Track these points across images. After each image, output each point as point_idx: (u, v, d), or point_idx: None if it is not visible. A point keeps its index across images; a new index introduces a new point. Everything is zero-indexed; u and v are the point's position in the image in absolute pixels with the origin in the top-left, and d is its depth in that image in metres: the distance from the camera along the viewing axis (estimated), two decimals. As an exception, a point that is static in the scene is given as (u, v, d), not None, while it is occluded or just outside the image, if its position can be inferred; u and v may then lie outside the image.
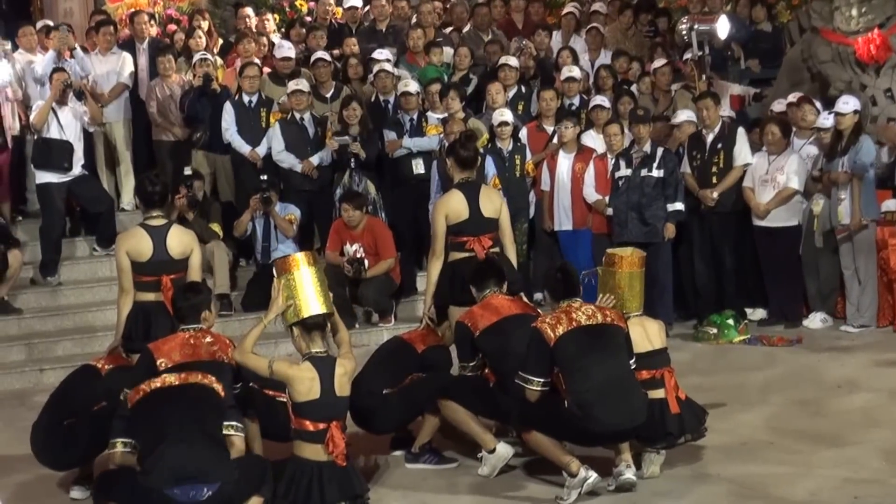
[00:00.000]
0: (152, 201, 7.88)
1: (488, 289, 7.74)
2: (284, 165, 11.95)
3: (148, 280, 7.71)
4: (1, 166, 12.14)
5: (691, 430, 7.40)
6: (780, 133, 11.06)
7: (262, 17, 14.16)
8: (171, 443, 6.37)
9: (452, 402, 7.58)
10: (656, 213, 10.91)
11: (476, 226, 8.17)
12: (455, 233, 8.20)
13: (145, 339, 7.50)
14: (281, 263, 7.17)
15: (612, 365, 7.04)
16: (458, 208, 8.16)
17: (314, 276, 7.05)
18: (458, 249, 8.19)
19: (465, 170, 8.31)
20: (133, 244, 7.75)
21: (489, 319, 7.55)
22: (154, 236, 7.72)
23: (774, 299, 11.21)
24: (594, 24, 13.83)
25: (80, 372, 7.80)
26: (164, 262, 7.70)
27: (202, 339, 7.15)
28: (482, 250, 8.11)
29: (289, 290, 7.02)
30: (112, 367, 7.58)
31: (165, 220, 7.91)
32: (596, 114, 11.80)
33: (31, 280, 11.87)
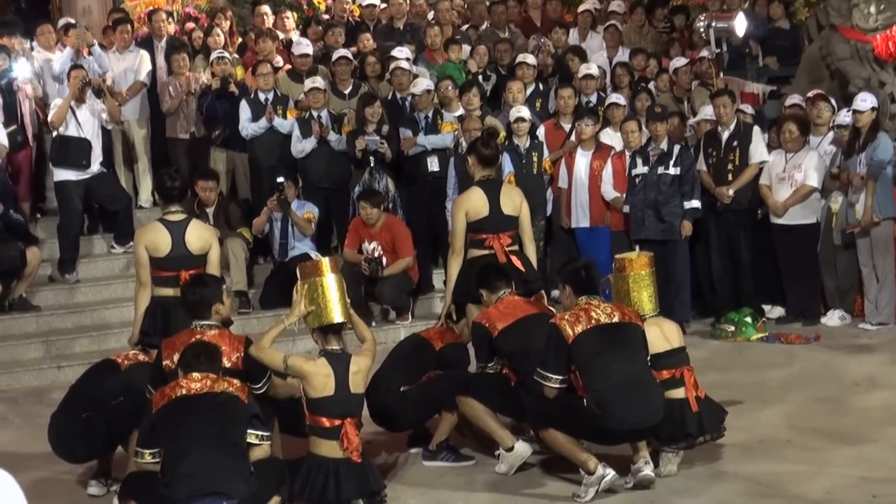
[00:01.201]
0: (171, 196, 7.92)
1: (500, 290, 7.75)
2: (298, 148, 11.97)
3: (167, 275, 7.74)
4: (20, 164, 12.20)
5: (711, 430, 7.38)
6: (797, 131, 11.04)
7: (280, 16, 14.19)
8: (194, 456, 6.31)
9: (471, 399, 7.58)
10: (673, 210, 10.91)
11: (496, 223, 8.19)
12: (475, 230, 8.21)
13: (164, 334, 7.51)
14: (307, 267, 7.15)
15: (631, 363, 7.03)
16: (478, 206, 8.18)
17: (338, 283, 7.06)
18: (477, 247, 8.21)
19: (486, 167, 8.33)
20: (152, 239, 7.78)
21: (507, 319, 7.54)
22: (173, 231, 7.75)
23: (792, 297, 11.19)
24: (612, 22, 13.82)
25: (100, 367, 7.81)
26: (182, 257, 7.74)
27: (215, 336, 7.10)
28: (501, 248, 8.12)
29: (312, 295, 7.02)
30: (132, 363, 7.58)
31: (184, 216, 7.91)
32: (612, 111, 11.81)
33: (50, 277, 11.92)
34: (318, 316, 7.02)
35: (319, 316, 7.02)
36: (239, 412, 6.50)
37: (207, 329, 7.12)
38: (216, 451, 6.35)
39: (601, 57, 13.45)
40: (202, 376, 6.52)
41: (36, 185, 12.65)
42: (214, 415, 6.44)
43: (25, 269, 11.20)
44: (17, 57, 12.28)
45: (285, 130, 12.10)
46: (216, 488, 6.32)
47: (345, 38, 13.49)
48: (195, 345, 6.71)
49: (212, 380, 6.54)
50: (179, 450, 6.36)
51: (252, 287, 11.71)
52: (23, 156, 12.21)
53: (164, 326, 7.65)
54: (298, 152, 12.02)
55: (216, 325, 7.18)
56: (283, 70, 12.91)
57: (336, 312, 7.00)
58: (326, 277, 7.01)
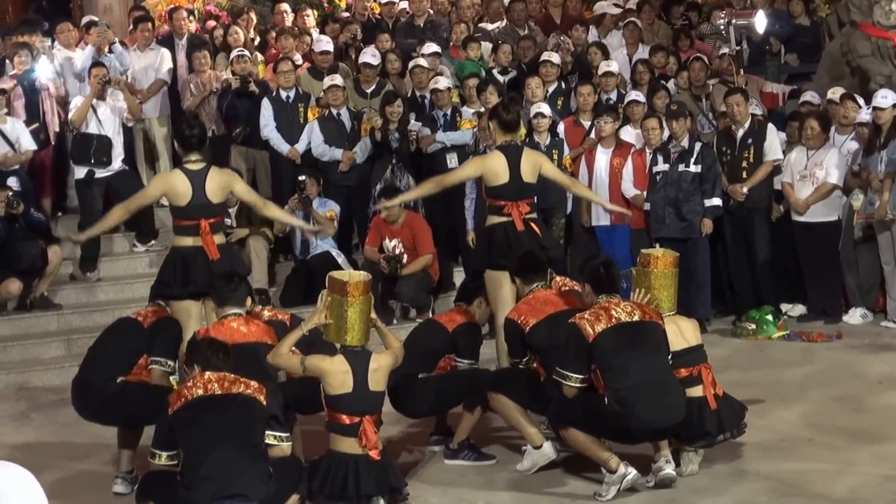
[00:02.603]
0: (190, 144, 7.88)
1: (534, 283, 7.76)
2: (326, 158, 12.02)
3: (187, 224, 7.74)
4: (42, 162, 12.26)
5: (730, 428, 7.37)
6: (819, 128, 11.03)
7: (300, 14, 14.22)
8: (214, 458, 6.30)
9: (502, 396, 7.59)
10: (694, 208, 10.90)
11: (515, 191, 8.15)
12: (493, 196, 8.19)
13: (183, 284, 7.56)
14: (336, 283, 7.05)
15: (652, 362, 7.01)
16: (497, 171, 8.14)
17: (362, 306, 7.00)
18: (496, 213, 8.18)
19: (507, 132, 8.28)
20: (172, 185, 7.78)
21: (538, 315, 7.54)
22: (193, 180, 7.72)
23: (814, 295, 11.19)
24: (631, 20, 13.80)
25: (120, 326, 7.84)
26: (202, 205, 7.72)
27: (238, 328, 7.19)
28: (519, 216, 8.09)
29: (336, 311, 7.01)
30: (155, 319, 7.63)
31: (204, 164, 7.85)
32: (631, 109, 11.79)
33: (71, 276, 11.97)
34: (337, 332, 7.01)
35: (338, 333, 7.00)
36: (257, 413, 6.49)
37: (234, 317, 7.24)
38: (235, 453, 6.33)
39: (621, 54, 13.43)
40: (218, 376, 6.49)
41: (57, 183, 12.70)
42: (233, 416, 6.42)
43: (47, 268, 11.27)
44: (38, 55, 12.35)
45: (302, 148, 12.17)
46: (236, 490, 6.31)
47: (364, 35, 13.52)
48: (209, 344, 6.70)
49: (229, 381, 6.51)
50: (198, 451, 6.34)
51: (273, 285, 11.75)
52: (44, 154, 12.27)
53: (184, 276, 7.65)
54: (321, 154, 12.05)
55: (242, 314, 7.30)
56: (304, 68, 12.93)
57: (355, 336, 6.98)
58: (355, 300, 6.96)
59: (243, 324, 7.28)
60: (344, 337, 6.97)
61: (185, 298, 7.76)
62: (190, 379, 6.60)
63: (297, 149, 12.13)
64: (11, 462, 3.17)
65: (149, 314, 7.73)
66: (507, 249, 8.06)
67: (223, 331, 7.16)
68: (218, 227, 7.86)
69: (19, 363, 10.80)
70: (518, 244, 8.05)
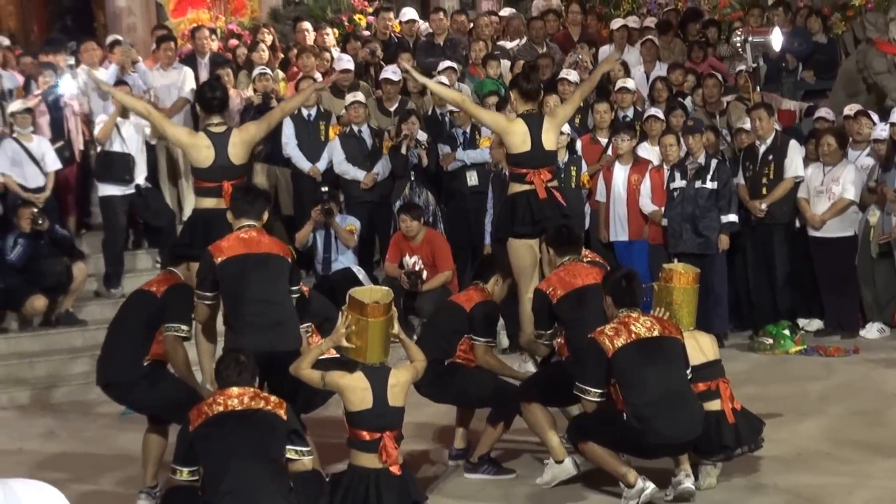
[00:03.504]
0: (212, 107, 7.92)
1: (566, 256, 7.75)
2: (348, 176, 12.13)
3: (209, 186, 7.78)
4: (67, 179, 12.40)
5: (748, 441, 7.39)
6: (835, 144, 11.09)
7: (321, 32, 14.32)
8: (234, 473, 6.31)
9: (536, 408, 7.62)
10: (710, 224, 10.97)
11: (537, 158, 8.16)
12: (515, 164, 8.22)
13: (205, 244, 7.54)
14: (357, 303, 7.08)
15: (671, 378, 7.04)
16: (519, 139, 8.14)
17: (386, 326, 7.06)
18: (518, 181, 8.20)
19: (528, 101, 8.29)
20: (195, 144, 7.80)
21: (567, 287, 7.55)
22: (216, 142, 7.76)
23: (831, 309, 11.23)
24: (649, 37, 13.88)
25: (136, 299, 7.84)
26: (225, 167, 7.75)
27: (255, 236, 7.27)
28: (541, 184, 8.09)
29: (355, 329, 7.06)
30: (166, 287, 7.64)
31: (226, 127, 7.90)
32: (650, 125, 11.85)
33: (96, 292, 12.08)
34: (356, 351, 7.08)
35: (357, 352, 7.07)
36: (277, 429, 6.51)
37: (248, 228, 7.29)
38: (256, 468, 6.36)
39: (638, 72, 13.50)
40: (239, 392, 6.51)
41: (81, 200, 12.84)
42: (253, 432, 6.43)
43: (72, 284, 11.40)
44: (62, 74, 12.49)
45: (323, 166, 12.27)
46: None
47: (384, 53, 13.64)
48: (230, 360, 6.69)
49: (249, 396, 6.53)
50: (219, 467, 6.36)
51: (294, 300, 11.82)
52: (69, 171, 12.41)
53: (205, 237, 7.66)
54: (343, 172, 12.16)
55: (257, 226, 7.34)
56: (325, 85, 13.05)
57: (374, 355, 7.04)
58: (376, 321, 7.01)
59: (256, 234, 7.33)
60: (362, 355, 7.03)
61: None
62: (210, 396, 6.66)
63: (318, 167, 12.24)
64: (37, 478, 3.24)
65: (161, 282, 7.73)
66: (530, 218, 8.07)
67: (235, 239, 7.25)
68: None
69: (44, 378, 10.89)
70: (541, 212, 8.05)
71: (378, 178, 12.07)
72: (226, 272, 7.24)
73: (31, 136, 11.78)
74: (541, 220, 8.04)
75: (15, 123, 11.78)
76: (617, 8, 15.76)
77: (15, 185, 11.57)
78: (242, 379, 6.57)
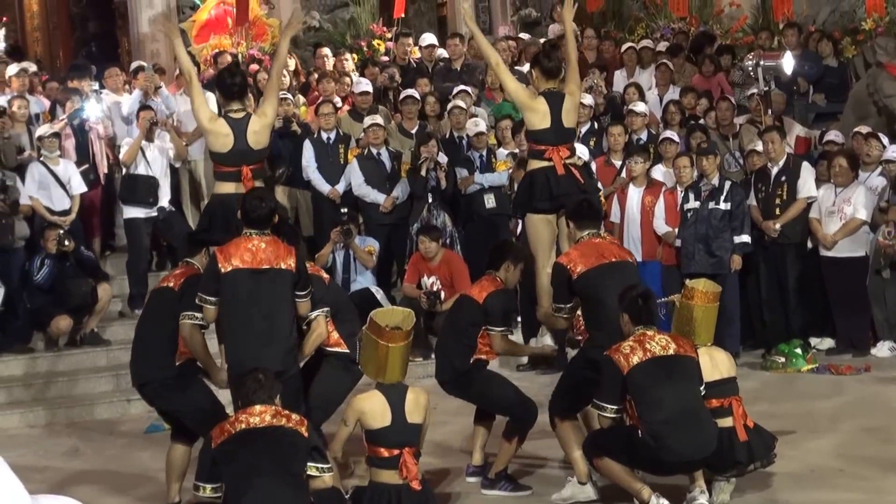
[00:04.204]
0: (232, 93, 7.96)
1: (586, 230, 7.72)
2: (368, 199, 12.29)
3: (228, 170, 7.83)
4: (91, 202, 12.57)
5: (760, 458, 7.42)
6: (847, 165, 11.21)
7: (340, 58, 14.49)
8: (256, 490, 6.39)
9: (569, 426, 7.65)
10: (723, 244, 11.09)
11: (556, 136, 8.16)
12: (535, 140, 8.25)
13: (224, 230, 7.61)
14: (377, 327, 7.23)
15: (685, 396, 7.08)
16: (539, 116, 8.16)
17: (405, 350, 7.21)
18: (537, 157, 8.22)
19: (549, 79, 8.27)
20: (217, 127, 7.83)
21: (588, 263, 7.53)
22: (235, 128, 7.81)
23: (842, 328, 11.31)
24: (663, 61, 14.04)
25: (156, 297, 7.88)
26: (244, 152, 7.80)
27: (261, 246, 7.25)
28: (560, 160, 8.11)
29: (371, 349, 7.25)
30: (183, 280, 7.66)
31: (245, 112, 7.95)
32: (665, 147, 11.98)
33: (120, 313, 12.23)
34: (375, 371, 7.27)
35: (376, 371, 7.26)
36: (299, 445, 6.57)
37: (257, 236, 7.29)
38: (278, 485, 6.43)
39: (652, 95, 13.65)
40: (261, 409, 6.58)
41: (106, 222, 13.03)
42: (275, 449, 6.49)
43: (96, 305, 11.55)
44: (87, 98, 12.70)
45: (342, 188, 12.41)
46: None
47: (402, 78, 13.83)
48: (251, 378, 6.75)
49: (271, 414, 6.57)
50: (241, 484, 6.42)
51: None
52: (93, 194, 12.59)
53: (224, 222, 7.73)
54: (363, 195, 12.33)
55: (267, 233, 7.35)
56: (344, 110, 13.23)
57: (393, 375, 7.20)
58: (394, 346, 7.14)
59: (264, 244, 7.29)
60: (381, 375, 7.21)
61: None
62: (233, 414, 6.77)
63: (337, 189, 12.41)
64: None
65: (178, 276, 7.74)
66: (548, 193, 8.08)
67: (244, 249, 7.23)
68: (259, 173, 7.95)
69: (69, 398, 10.98)
70: (559, 188, 8.07)
71: (397, 200, 12.25)
72: (229, 285, 7.27)
73: (57, 159, 11.95)
74: (559, 195, 8.04)
75: (42, 147, 11.96)
76: (631, 33, 15.96)
77: (42, 207, 11.75)
78: (264, 397, 6.64)
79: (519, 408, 7.98)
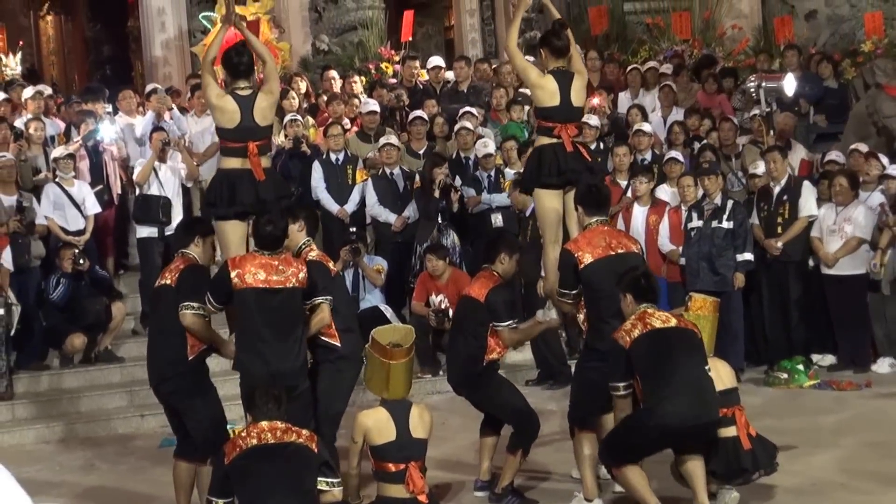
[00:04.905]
0: (239, 71, 8.12)
1: (594, 217, 7.76)
2: (381, 218, 12.44)
3: (235, 146, 7.99)
4: (105, 222, 12.70)
5: (764, 465, 7.52)
6: (847, 185, 11.35)
7: (349, 80, 14.64)
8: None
9: (586, 439, 7.69)
10: (726, 263, 11.21)
11: (565, 114, 8.21)
12: (543, 117, 8.32)
13: (230, 204, 7.77)
14: (377, 345, 7.41)
15: (687, 363, 7.13)
16: (548, 94, 8.20)
17: (407, 366, 7.36)
18: (545, 134, 8.29)
19: (558, 58, 8.31)
20: (225, 105, 7.98)
21: (595, 254, 7.60)
22: (242, 105, 7.97)
23: (843, 345, 11.43)
24: (667, 83, 14.19)
25: (156, 297, 7.94)
26: (250, 128, 7.97)
27: (276, 266, 7.38)
28: (568, 138, 8.17)
29: (375, 366, 7.41)
30: (178, 275, 7.67)
31: (251, 90, 8.11)
32: (670, 166, 12.10)
33: (133, 330, 12.33)
34: (378, 387, 7.45)
35: (379, 388, 7.44)
36: (310, 461, 6.65)
37: (270, 256, 7.41)
38: (289, 500, 6.50)
39: (656, 116, 13.80)
40: (270, 425, 6.65)
41: (119, 242, 13.16)
42: (287, 464, 6.58)
43: (110, 323, 11.69)
44: (101, 120, 12.84)
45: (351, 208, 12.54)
46: None
47: (410, 100, 13.99)
48: (264, 394, 6.79)
49: (281, 430, 6.66)
50: (254, 498, 6.51)
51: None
52: (107, 214, 12.73)
53: (230, 197, 7.89)
54: (376, 215, 12.47)
55: (279, 252, 7.46)
56: (353, 131, 13.37)
57: (396, 391, 7.37)
58: (395, 363, 7.29)
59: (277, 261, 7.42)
60: (385, 392, 7.39)
61: (231, 218, 8.04)
62: (244, 429, 6.87)
63: (346, 209, 12.57)
64: None
65: (173, 271, 7.76)
66: (556, 169, 8.13)
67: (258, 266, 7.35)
68: (264, 149, 8.10)
69: (84, 414, 11.09)
70: (566, 164, 8.13)
71: (409, 220, 12.37)
72: (241, 302, 7.43)
73: (72, 180, 12.08)
74: (566, 171, 8.12)
75: (57, 168, 12.09)
76: (634, 55, 16.15)
77: (57, 227, 11.87)
78: (276, 413, 6.74)
79: (524, 417, 8.09)
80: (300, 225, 8.06)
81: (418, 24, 17.42)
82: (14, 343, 11.23)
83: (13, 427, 10.80)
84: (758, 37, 16.64)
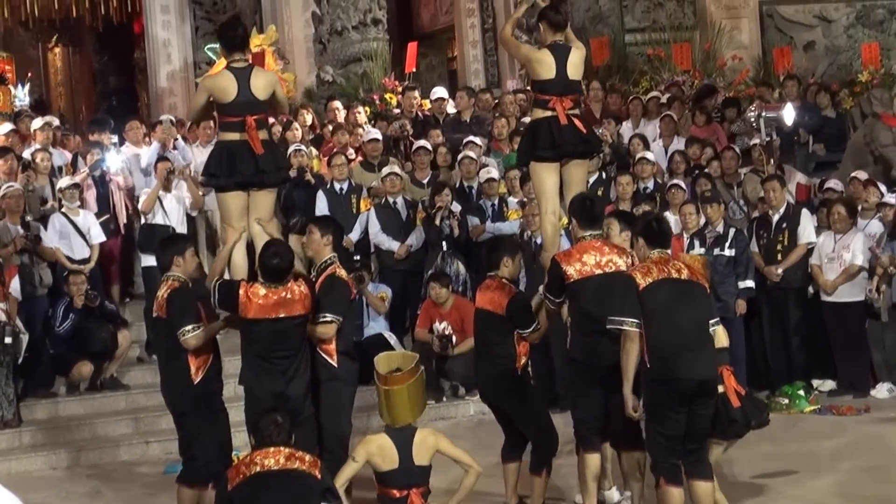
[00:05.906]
0: (234, 45, 8.17)
1: (588, 231, 7.82)
2: (384, 247, 12.51)
3: (232, 120, 8.02)
4: (111, 251, 12.81)
5: (755, 418, 7.60)
6: (845, 213, 11.47)
7: (353, 111, 14.74)
8: None
9: (590, 458, 7.72)
10: (728, 290, 11.29)
11: (560, 87, 8.28)
12: (539, 90, 8.40)
13: (230, 175, 7.83)
14: (377, 374, 7.56)
15: (693, 317, 7.17)
16: (545, 67, 8.27)
17: (408, 391, 7.43)
18: (541, 107, 8.37)
19: (556, 32, 8.38)
20: (220, 85, 8.04)
21: (583, 272, 7.67)
22: (239, 77, 7.99)
23: (843, 371, 11.50)
24: (668, 113, 14.29)
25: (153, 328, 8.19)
26: (248, 102, 7.99)
27: (283, 297, 7.48)
28: (563, 111, 8.24)
29: (379, 397, 7.53)
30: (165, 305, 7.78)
31: (247, 63, 8.13)
32: (672, 193, 12.15)
33: (138, 358, 12.38)
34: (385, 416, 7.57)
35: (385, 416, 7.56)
36: (313, 487, 6.73)
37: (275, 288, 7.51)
38: None
39: (657, 145, 13.89)
40: (274, 451, 6.74)
41: (125, 270, 13.24)
42: (290, 491, 6.65)
43: (116, 351, 11.73)
44: (107, 150, 12.97)
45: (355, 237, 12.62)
46: None
47: (413, 130, 14.10)
48: (268, 420, 6.87)
49: (285, 456, 6.73)
50: None
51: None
52: (113, 243, 12.83)
53: (230, 168, 7.95)
54: (379, 242, 12.53)
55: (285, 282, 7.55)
56: (357, 161, 13.48)
57: (400, 418, 7.45)
58: (398, 388, 7.39)
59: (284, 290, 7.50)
60: (389, 419, 7.49)
61: (232, 189, 8.12)
62: (248, 455, 6.95)
63: (350, 238, 12.69)
64: None
65: (160, 305, 7.85)
66: (551, 142, 8.21)
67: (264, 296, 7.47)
68: (262, 123, 8.13)
69: (90, 441, 11.13)
70: (561, 137, 8.19)
71: (412, 248, 12.46)
72: (248, 329, 7.57)
73: (77, 210, 12.19)
74: (561, 144, 8.20)
75: (63, 198, 12.21)
76: (636, 85, 16.29)
77: (62, 256, 11.96)
78: (280, 439, 6.82)
79: (546, 432, 8.08)
80: (328, 239, 8.13)
81: (422, 55, 17.57)
82: (21, 371, 11.28)
83: (20, 454, 10.84)
84: (757, 67, 16.79)
